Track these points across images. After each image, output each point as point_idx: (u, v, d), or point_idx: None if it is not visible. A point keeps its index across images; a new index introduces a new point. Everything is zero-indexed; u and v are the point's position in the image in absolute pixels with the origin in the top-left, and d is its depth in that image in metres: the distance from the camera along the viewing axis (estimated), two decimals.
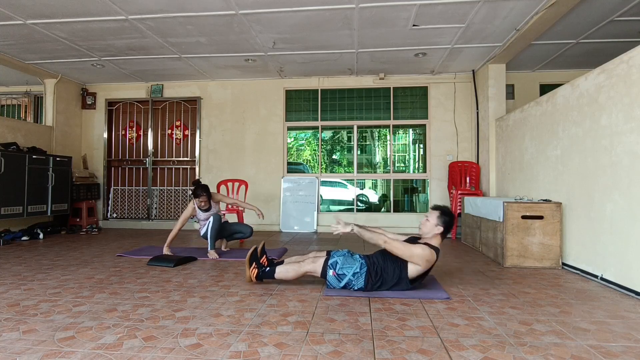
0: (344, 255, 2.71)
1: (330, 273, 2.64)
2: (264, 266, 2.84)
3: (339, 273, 2.62)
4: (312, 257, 2.85)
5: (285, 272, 2.73)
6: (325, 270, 2.66)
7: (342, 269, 2.63)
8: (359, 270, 2.61)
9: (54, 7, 3.81)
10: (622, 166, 2.76)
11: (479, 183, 5.62)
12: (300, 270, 2.71)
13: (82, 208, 6.09)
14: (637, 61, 2.64)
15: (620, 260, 2.77)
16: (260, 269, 2.80)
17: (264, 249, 3.04)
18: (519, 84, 6.00)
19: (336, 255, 2.72)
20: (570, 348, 1.77)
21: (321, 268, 2.67)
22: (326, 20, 4.08)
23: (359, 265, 2.63)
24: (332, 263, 2.66)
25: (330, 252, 2.81)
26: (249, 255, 2.83)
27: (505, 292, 2.71)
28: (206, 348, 1.74)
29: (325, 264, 2.67)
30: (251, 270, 2.80)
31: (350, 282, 2.62)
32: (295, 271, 2.71)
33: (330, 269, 2.65)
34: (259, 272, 2.79)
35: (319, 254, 2.89)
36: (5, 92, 6.91)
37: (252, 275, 2.80)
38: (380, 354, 1.69)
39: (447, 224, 2.64)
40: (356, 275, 2.60)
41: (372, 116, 6.29)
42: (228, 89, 6.45)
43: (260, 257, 2.94)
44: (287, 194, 6.22)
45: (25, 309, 2.27)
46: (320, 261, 2.69)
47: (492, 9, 3.82)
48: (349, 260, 2.67)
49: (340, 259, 2.68)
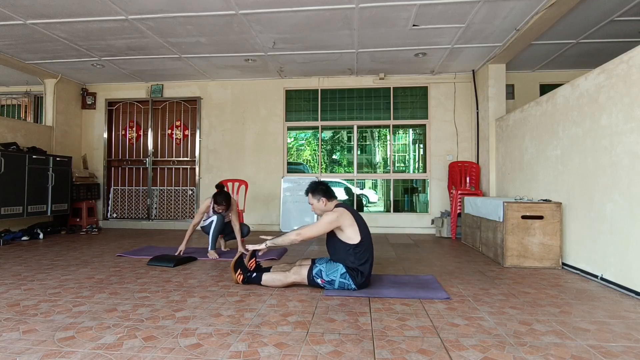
0: (326, 262, 2.72)
1: (319, 282, 2.66)
2: (250, 271, 2.84)
3: (328, 280, 2.65)
4: (297, 266, 2.84)
5: (272, 281, 2.75)
6: (312, 279, 2.68)
7: (328, 275, 2.65)
8: (344, 270, 2.63)
9: (54, 7, 3.81)
10: (622, 166, 2.76)
11: (479, 183, 5.62)
12: (286, 280, 2.72)
13: (82, 208, 6.09)
14: (637, 61, 2.64)
15: (620, 260, 2.77)
16: (246, 275, 2.81)
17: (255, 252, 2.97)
18: (519, 84, 6.00)
19: (319, 263, 2.73)
20: (570, 348, 1.77)
21: (307, 277, 2.69)
22: (326, 20, 4.08)
23: (341, 266, 2.65)
24: (317, 272, 2.68)
25: (314, 260, 2.84)
26: (233, 262, 2.84)
27: (505, 292, 2.71)
28: (206, 348, 1.74)
29: (309, 273, 2.69)
30: (237, 276, 2.82)
31: (343, 284, 2.63)
32: (281, 281, 2.73)
33: (317, 278, 2.67)
34: (244, 278, 2.81)
35: (304, 263, 2.90)
36: (5, 92, 6.91)
37: (237, 280, 2.82)
38: (380, 354, 1.69)
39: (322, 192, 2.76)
40: (343, 275, 2.63)
41: (372, 116, 6.29)
42: (228, 89, 6.45)
43: (250, 259, 2.92)
44: (287, 194, 6.22)
45: (25, 309, 2.27)
46: (304, 271, 2.71)
47: (492, 9, 3.82)
48: (331, 265, 2.68)
49: (323, 266, 2.69)
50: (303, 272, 2.70)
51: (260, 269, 2.90)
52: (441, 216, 5.73)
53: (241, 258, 2.90)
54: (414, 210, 6.36)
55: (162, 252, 4.06)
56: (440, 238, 5.44)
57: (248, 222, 6.25)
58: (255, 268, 2.91)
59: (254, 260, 2.95)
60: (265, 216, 6.31)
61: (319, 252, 4.28)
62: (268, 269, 2.88)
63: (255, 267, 2.92)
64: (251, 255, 2.93)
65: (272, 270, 2.85)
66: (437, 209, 6.00)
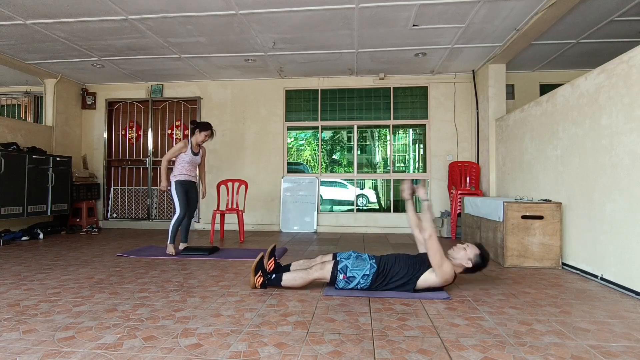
0: (352, 258, 2.67)
1: (341, 277, 2.60)
2: (270, 273, 2.74)
3: (349, 276, 2.59)
4: (319, 262, 2.77)
5: (293, 281, 2.64)
6: (335, 276, 2.61)
7: (351, 271, 2.59)
8: (369, 272, 2.59)
9: (54, 7, 3.81)
10: (622, 166, 2.76)
11: (479, 183, 5.62)
12: (309, 277, 2.63)
13: (82, 208, 6.10)
14: (637, 61, 2.64)
15: (620, 260, 2.77)
16: (266, 277, 2.70)
17: (273, 250, 2.94)
18: (519, 84, 6.00)
19: (344, 258, 2.67)
20: (570, 348, 1.77)
21: (330, 274, 2.61)
22: (326, 20, 4.08)
23: (369, 266, 2.60)
24: (342, 267, 2.61)
25: (335, 254, 2.78)
26: (255, 264, 2.71)
27: (505, 292, 2.71)
28: (206, 348, 1.74)
29: (334, 269, 2.61)
30: (256, 279, 2.70)
31: (359, 283, 2.59)
32: (303, 279, 2.63)
33: (340, 273, 2.60)
34: (264, 281, 2.69)
35: (326, 259, 2.83)
36: (5, 92, 6.91)
37: (256, 283, 2.70)
38: (380, 354, 1.69)
39: (478, 266, 2.60)
40: (365, 277, 2.58)
41: (372, 116, 6.29)
42: (228, 89, 6.45)
43: (269, 258, 2.87)
44: (287, 194, 6.22)
45: (25, 309, 2.27)
46: (329, 267, 2.63)
47: (492, 9, 3.82)
48: (358, 262, 2.63)
49: (349, 262, 2.63)
50: (328, 268, 2.62)
51: (280, 268, 2.85)
52: (441, 216, 5.73)
53: (262, 260, 2.77)
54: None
55: (163, 252, 4.07)
56: (441, 238, 5.42)
57: (248, 222, 6.25)
58: (274, 269, 2.85)
59: (273, 260, 2.90)
60: (265, 216, 6.31)
61: (319, 252, 4.28)
62: (287, 268, 2.84)
63: (274, 267, 2.86)
64: (270, 255, 2.88)
65: (292, 269, 2.80)
66: (437, 209, 6.00)
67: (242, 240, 5.05)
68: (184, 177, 4.09)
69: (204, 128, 4.14)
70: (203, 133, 4.13)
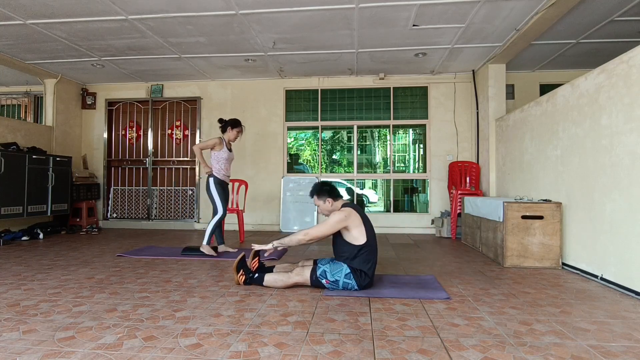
0: (329, 263, 2.72)
1: (324, 282, 2.66)
2: (252, 272, 2.82)
3: (332, 280, 2.64)
4: (299, 266, 2.83)
5: (274, 282, 2.73)
6: (316, 280, 2.67)
7: (333, 275, 2.65)
8: (349, 271, 2.63)
9: (54, 7, 3.81)
10: (622, 166, 2.76)
11: (479, 183, 5.62)
12: (289, 281, 2.71)
13: (82, 208, 6.09)
14: (637, 61, 2.64)
15: (620, 260, 2.77)
16: (248, 276, 2.80)
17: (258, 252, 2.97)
18: (519, 84, 6.00)
19: (322, 264, 2.72)
20: (570, 348, 1.77)
21: (309, 278, 2.68)
22: (326, 20, 4.08)
23: (345, 267, 2.65)
24: (321, 273, 2.67)
25: (316, 260, 2.84)
26: (236, 262, 2.81)
27: (505, 292, 2.71)
28: (206, 348, 1.74)
29: (313, 274, 2.68)
30: (239, 277, 2.81)
31: (347, 284, 2.64)
32: (284, 282, 2.72)
33: (321, 278, 2.66)
34: (246, 279, 2.80)
35: (306, 263, 2.90)
36: (5, 92, 6.91)
37: (239, 280, 2.81)
38: (380, 354, 1.69)
39: (328, 192, 2.75)
40: (348, 276, 2.63)
41: (372, 116, 6.29)
42: (228, 89, 6.45)
43: (253, 259, 2.91)
44: (287, 194, 6.22)
45: (25, 309, 2.27)
46: (307, 272, 2.70)
47: (492, 9, 3.82)
48: (335, 266, 2.68)
49: (327, 267, 2.68)
50: (306, 274, 2.69)
51: (263, 269, 2.89)
52: (441, 216, 5.73)
53: (244, 259, 2.88)
54: (414, 210, 6.36)
55: (163, 252, 4.07)
56: (440, 238, 5.44)
57: (248, 222, 6.25)
58: (258, 268, 2.89)
59: (257, 260, 2.93)
60: (266, 216, 6.31)
61: (319, 252, 4.28)
62: (270, 269, 2.88)
63: (258, 267, 2.91)
64: (254, 255, 2.91)
65: (274, 271, 2.84)
66: (437, 209, 6.00)
67: (242, 240, 5.05)
68: (222, 176, 4.04)
69: (235, 125, 4.07)
70: (235, 130, 4.06)
